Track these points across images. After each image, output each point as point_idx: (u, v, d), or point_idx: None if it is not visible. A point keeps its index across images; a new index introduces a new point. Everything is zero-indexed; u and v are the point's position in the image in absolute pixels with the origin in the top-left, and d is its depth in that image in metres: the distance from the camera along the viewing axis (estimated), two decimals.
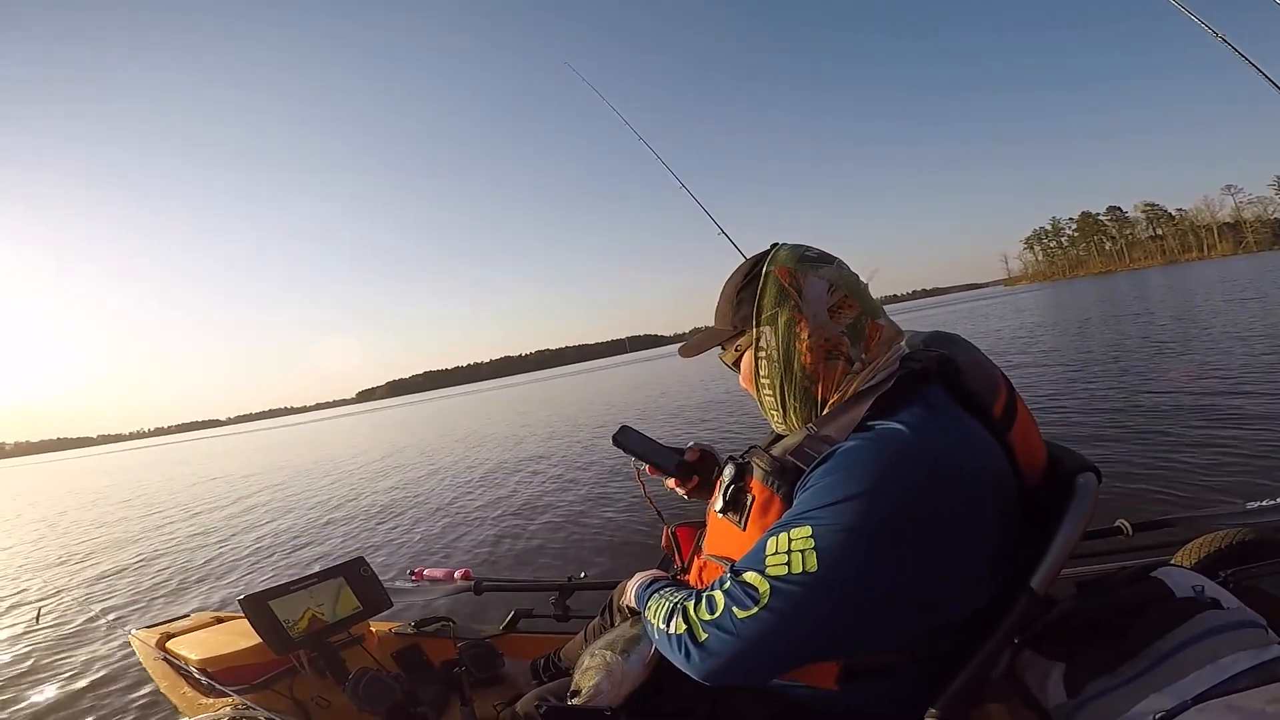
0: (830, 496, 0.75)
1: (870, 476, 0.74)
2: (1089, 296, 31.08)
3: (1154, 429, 4.93)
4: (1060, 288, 63.70)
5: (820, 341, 0.87)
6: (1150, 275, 54.83)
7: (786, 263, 0.90)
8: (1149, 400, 5.95)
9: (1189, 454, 4.19)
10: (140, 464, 31.34)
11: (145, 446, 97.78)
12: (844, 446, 0.79)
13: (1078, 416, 5.82)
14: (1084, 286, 51.12)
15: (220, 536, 7.39)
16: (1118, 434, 4.99)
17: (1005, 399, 0.90)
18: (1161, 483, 3.76)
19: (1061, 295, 40.56)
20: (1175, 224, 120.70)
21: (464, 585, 2.09)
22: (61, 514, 12.65)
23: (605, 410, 14.89)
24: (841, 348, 0.87)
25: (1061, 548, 0.82)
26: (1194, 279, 31.51)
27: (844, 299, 0.88)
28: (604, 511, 5.46)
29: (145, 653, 1.89)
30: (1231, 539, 1.41)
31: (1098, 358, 9.46)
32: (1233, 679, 0.70)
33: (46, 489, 21.45)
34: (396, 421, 31.60)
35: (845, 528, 0.73)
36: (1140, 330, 12.09)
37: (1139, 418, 5.38)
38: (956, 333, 0.99)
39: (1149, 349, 9.26)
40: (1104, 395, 6.52)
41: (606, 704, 0.94)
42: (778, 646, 0.76)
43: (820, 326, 0.87)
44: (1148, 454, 4.34)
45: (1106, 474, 0.93)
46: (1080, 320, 16.77)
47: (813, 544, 0.74)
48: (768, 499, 0.87)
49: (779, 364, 0.89)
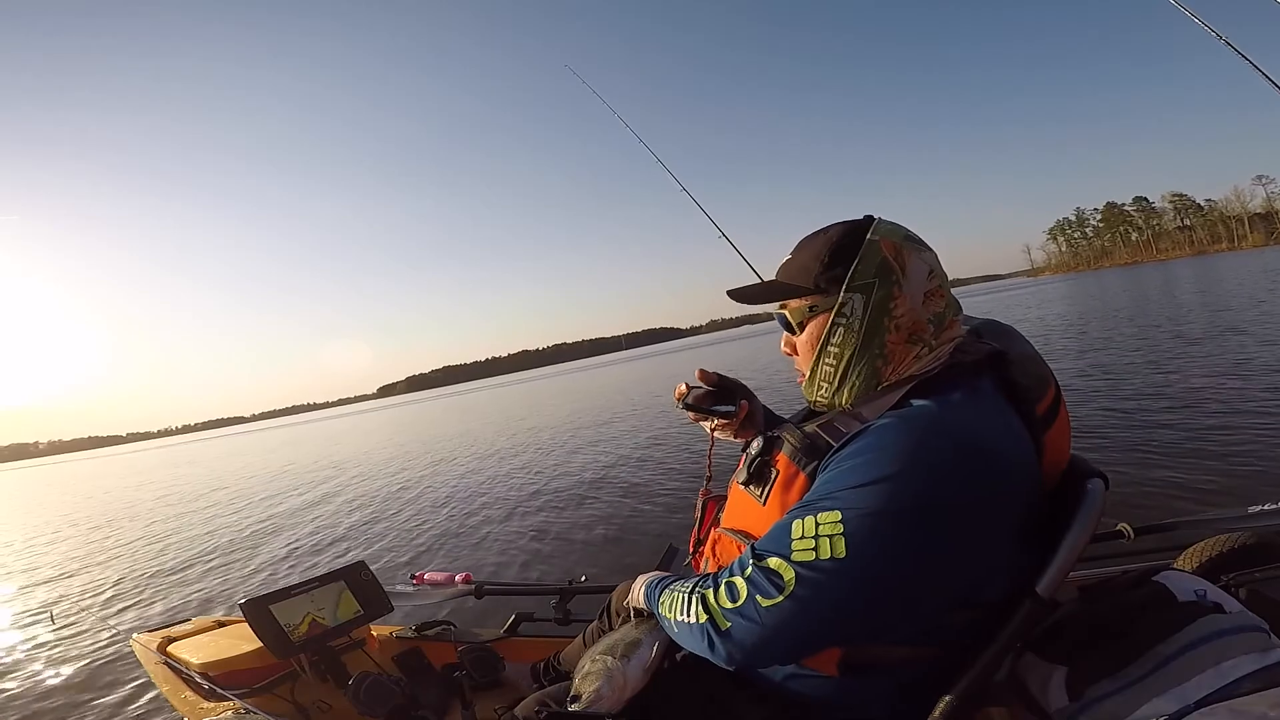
0: (860, 478, 0.74)
1: (902, 458, 0.73)
2: (1113, 289, 30.38)
3: (1157, 431, 4.92)
4: (1086, 279, 62.17)
5: (909, 323, 0.84)
6: (1179, 267, 53.45)
7: (892, 236, 0.86)
8: (1154, 401, 5.93)
9: (1191, 457, 4.18)
10: (175, 460, 31.71)
11: (175, 444, 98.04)
12: (875, 424, 0.78)
13: (1080, 416, 5.81)
14: (1110, 278, 49.77)
15: (223, 540, 7.39)
16: (1120, 436, 4.98)
17: (1051, 398, 0.88)
18: (1163, 486, 3.76)
19: (1086, 287, 39.72)
20: (1204, 215, 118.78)
21: (465, 589, 2.09)
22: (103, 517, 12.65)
23: (606, 409, 14.87)
24: (925, 334, 0.85)
25: (1068, 553, 0.82)
26: (1226, 271, 30.82)
27: (938, 288, 0.86)
28: (604, 514, 5.45)
29: (146, 657, 1.88)
30: (1234, 543, 1.40)
31: (1107, 354, 9.43)
32: (1235, 683, 0.69)
33: (102, 485, 21.23)
34: (410, 419, 31.51)
35: (875, 512, 0.71)
36: (1155, 327, 11.97)
37: (1142, 419, 5.36)
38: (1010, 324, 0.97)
39: (1160, 348, 9.18)
40: (1108, 394, 6.51)
41: (607, 709, 0.93)
42: (803, 633, 0.75)
43: (914, 308, 0.84)
44: (1150, 457, 4.34)
45: (1108, 476, 0.93)
46: (1095, 315, 16.62)
47: (841, 529, 0.72)
48: (792, 475, 0.85)
49: (858, 335, 0.85)
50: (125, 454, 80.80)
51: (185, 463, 27.14)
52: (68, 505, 15.63)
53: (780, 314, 0.93)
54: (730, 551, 0.94)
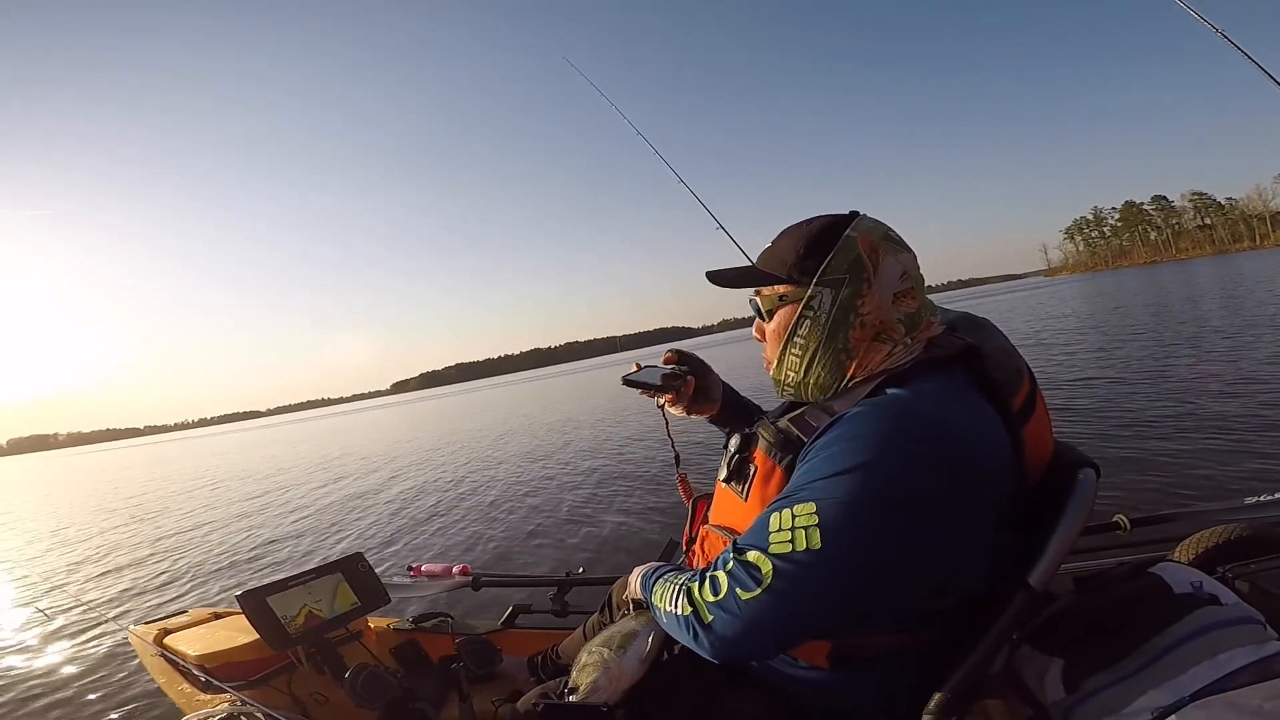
0: (833, 467, 0.74)
1: (873, 446, 0.73)
2: (1130, 288, 30.26)
3: (1153, 422, 4.94)
4: (1103, 278, 61.71)
5: (875, 321, 0.85)
6: (1199, 266, 53.24)
7: (870, 234, 0.86)
8: (1151, 394, 5.95)
9: (1188, 448, 4.20)
10: (192, 453, 31.91)
11: (190, 437, 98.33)
12: (848, 414, 0.78)
13: (1078, 408, 5.83)
14: (1128, 277, 49.38)
15: (222, 532, 7.40)
16: (1117, 427, 5.00)
17: (1026, 392, 0.88)
18: (1160, 477, 3.78)
19: (1103, 286, 39.50)
20: (1225, 213, 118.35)
21: (462, 580, 2.09)
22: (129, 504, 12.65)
23: (610, 406, 14.89)
24: (895, 334, 0.86)
25: (1060, 544, 0.82)
26: (1249, 268, 30.75)
27: (910, 289, 0.87)
28: (603, 506, 5.47)
29: (143, 649, 1.88)
30: (1230, 534, 1.40)
31: (1109, 348, 9.47)
32: (1231, 675, 0.69)
33: (133, 475, 21.14)
34: (421, 416, 31.49)
35: (848, 501, 0.72)
36: (1163, 323, 12.01)
37: (1139, 410, 5.39)
38: (986, 318, 0.97)
39: (1163, 342, 9.21)
40: (1107, 388, 6.53)
41: (604, 701, 0.94)
42: (782, 624, 0.76)
43: (881, 307, 0.85)
44: (1146, 448, 4.35)
45: (1104, 468, 0.93)
46: (1103, 313, 16.59)
47: (816, 520, 0.72)
48: (769, 470, 0.86)
49: (824, 328, 0.86)
50: (152, 444, 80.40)
51: (211, 454, 27.34)
52: (93, 495, 15.57)
53: (753, 300, 0.95)
54: (717, 548, 0.95)
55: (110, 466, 31.49)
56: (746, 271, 0.95)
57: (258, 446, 27.34)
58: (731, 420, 1.27)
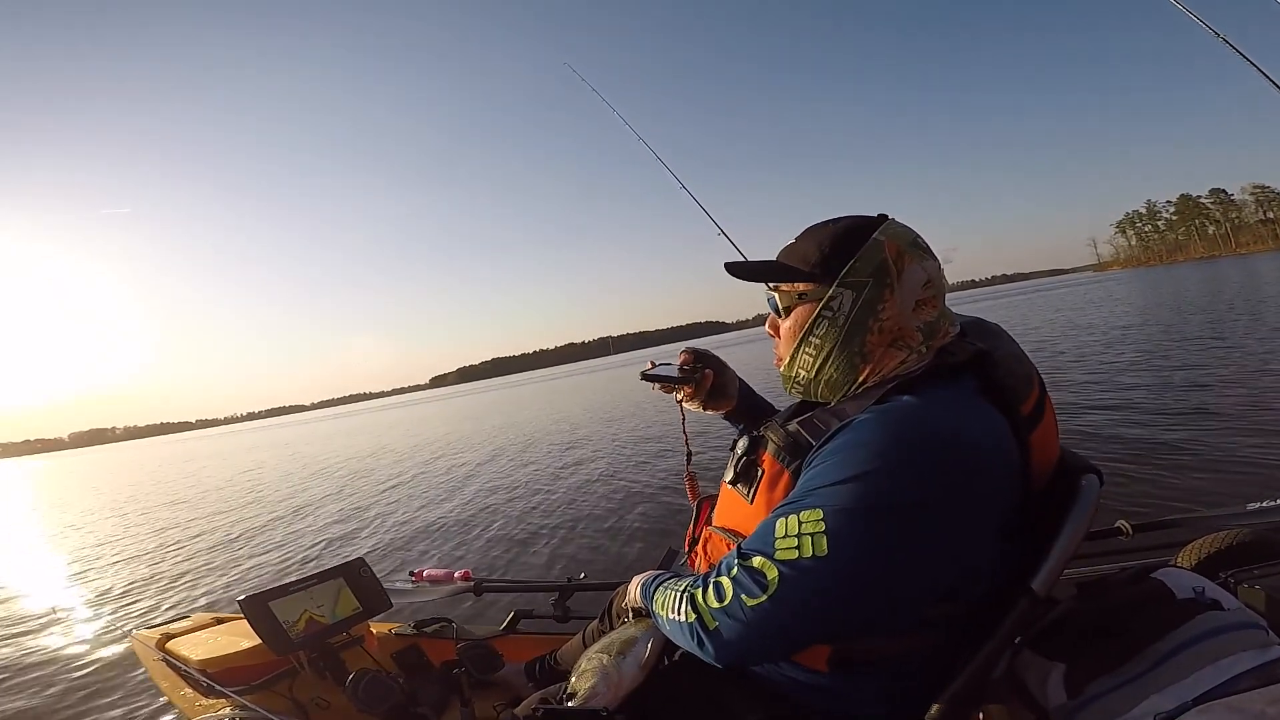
0: (841, 474, 0.74)
1: (881, 453, 0.73)
2: (1181, 284, 28.33)
3: (1157, 428, 4.92)
4: (1157, 273, 58.77)
5: (894, 327, 0.84)
6: (1260, 261, 50.91)
7: (898, 240, 0.85)
8: (1159, 398, 5.92)
9: (1190, 454, 4.18)
10: (243, 446, 32.31)
11: (241, 430, 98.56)
12: (855, 420, 0.78)
13: (1081, 412, 5.81)
14: (1183, 273, 46.51)
15: (221, 538, 7.40)
16: (1121, 432, 4.98)
17: (1036, 399, 0.88)
18: (1162, 482, 3.76)
19: (1153, 282, 37.74)
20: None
21: (464, 586, 2.09)
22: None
23: (628, 405, 14.87)
24: (912, 341, 0.85)
25: (1063, 549, 0.82)
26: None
27: (932, 298, 0.86)
28: (605, 512, 5.46)
29: (145, 654, 1.89)
30: (1232, 540, 1.40)
31: (1118, 351, 9.40)
32: (1233, 680, 0.69)
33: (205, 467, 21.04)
34: (453, 412, 31.29)
35: (855, 508, 0.71)
36: (1185, 323, 11.82)
37: (1142, 416, 5.36)
38: (998, 324, 0.97)
39: (1174, 346, 9.09)
40: (1110, 392, 6.51)
41: (603, 705, 0.94)
42: (788, 631, 0.76)
43: (901, 314, 0.84)
44: (1150, 454, 4.33)
45: (1106, 473, 0.93)
46: (1119, 312, 16.34)
47: (823, 527, 0.72)
48: (776, 473, 0.86)
49: (841, 330, 0.85)
50: (214, 437, 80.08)
51: (271, 445, 27.49)
52: (170, 488, 15.37)
53: (771, 295, 0.94)
54: (721, 550, 0.95)
55: (173, 458, 31.88)
56: (767, 265, 0.94)
57: (300, 442, 27.33)
58: (746, 417, 1.27)
